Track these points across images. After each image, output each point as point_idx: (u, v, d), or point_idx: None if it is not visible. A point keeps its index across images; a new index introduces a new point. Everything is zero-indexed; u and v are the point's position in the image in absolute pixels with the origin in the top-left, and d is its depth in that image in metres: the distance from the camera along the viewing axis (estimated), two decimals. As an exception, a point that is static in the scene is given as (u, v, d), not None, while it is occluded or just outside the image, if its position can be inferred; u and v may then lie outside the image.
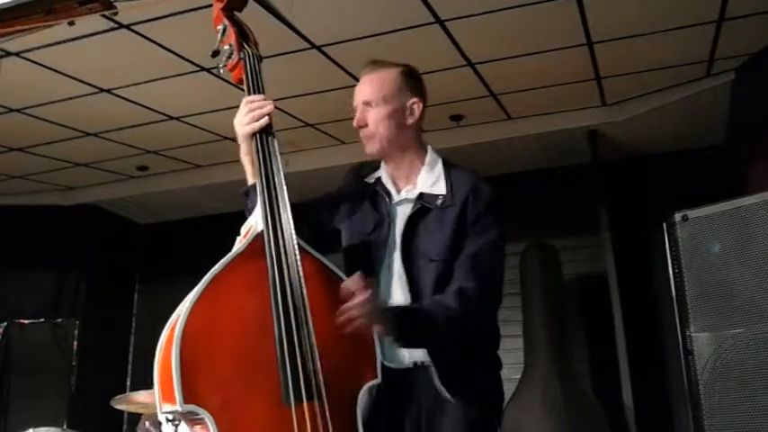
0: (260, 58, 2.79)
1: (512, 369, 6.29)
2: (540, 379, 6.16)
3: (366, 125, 2.80)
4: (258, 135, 2.62)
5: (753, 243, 3.36)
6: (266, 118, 2.63)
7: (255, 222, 2.53)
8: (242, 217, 2.72)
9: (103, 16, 3.93)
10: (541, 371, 6.21)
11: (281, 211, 2.48)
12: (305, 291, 2.38)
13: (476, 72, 5.58)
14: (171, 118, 6.26)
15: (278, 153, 2.61)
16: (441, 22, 4.77)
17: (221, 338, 2.28)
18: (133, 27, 4.59)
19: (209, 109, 6.11)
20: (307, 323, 2.34)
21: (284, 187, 2.52)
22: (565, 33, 5.02)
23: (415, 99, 2.81)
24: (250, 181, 2.77)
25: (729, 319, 3.39)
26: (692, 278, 3.54)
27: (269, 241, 2.41)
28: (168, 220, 9.15)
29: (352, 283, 2.39)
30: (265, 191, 2.50)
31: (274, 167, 2.57)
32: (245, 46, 2.80)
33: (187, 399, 2.15)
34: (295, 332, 2.31)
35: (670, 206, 3.86)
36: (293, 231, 2.45)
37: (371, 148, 2.83)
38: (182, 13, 4.44)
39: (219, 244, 2.74)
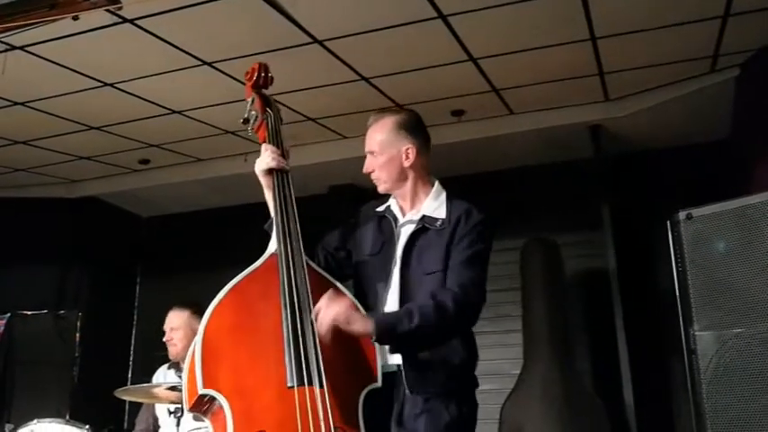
0: (281, 119, 3.34)
1: (512, 364, 6.31)
2: (540, 375, 6.16)
3: (373, 171, 3.22)
4: (276, 172, 3.11)
5: (758, 242, 3.35)
6: (280, 161, 3.13)
7: (271, 245, 2.99)
8: (242, 211, 2.96)
9: (107, 11, 3.95)
10: (542, 366, 6.21)
11: (293, 231, 2.95)
12: (310, 295, 2.78)
13: (478, 67, 5.58)
14: (173, 112, 6.27)
15: (292, 187, 3.11)
16: (443, 17, 4.77)
17: (238, 336, 2.71)
18: (137, 22, 4.59)
19: (211, 103, 6.12)
20: (311, 320, 2.71)
21: (296, 215, 3.02)
22: (568, 28, 5.02)
23: (408, 145, 3.17)
24: (273, 214, 3.10)
25: (733, 318, 3.39)
26: (695, 276, 3.54)
27: (281, 255, 2.86)
28: (170, 214, 9.15)
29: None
30: (279, 216, 3.00)
31: (288, 198, 3.06)
32: (268, 109, 3.31)
33: (206, 384, 2.55)
34: (300, 326, 2.69)
35: (673, 202, 3.86)
36: (303, 249, 2.92)
37: (380, 189, 3.26)
38: (185, 7, 4.45)
39: (220, 237, 2.95)
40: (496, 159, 7.08)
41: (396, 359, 2.92)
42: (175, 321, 5.18)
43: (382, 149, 3.16)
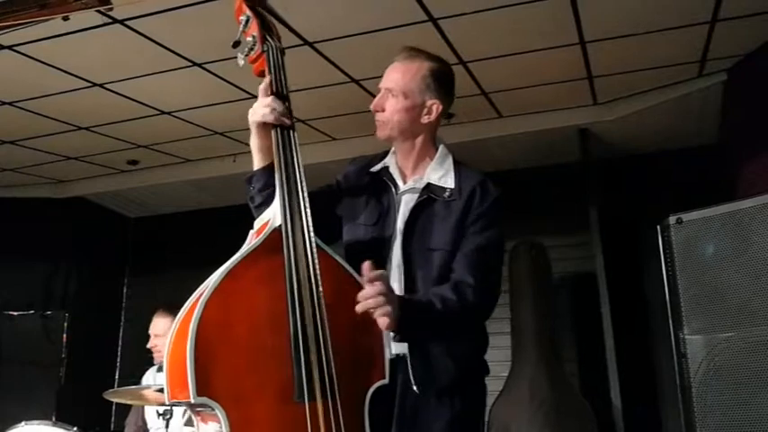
0: (283, 52, 2.75)
1: (500, 366, 6.31)
2: (528, 377, 6.17)
3: (382, 110, 2.84)
4: (279, 128, 2.60)
5: (747, 246, 3.37)
6: (279, 115, 2.60)
7: (273, 216, 2.49)
8: (231, 212, 2.69)
9: (98, 11, 3.94)
10: (530, 369, 6.22)
11: (301, 206, 2.48)
12: (321, 288, 2.39)
13: (468, 70, 5.58)
14: (162, 113, 6.26)
15: (298, 147, 2.59)
16: (434, 21, 4.78)
17: (236, 332, 2.28)
18: (127, 22, 4.58)
19: (200, 104, 6.12)
20: (322, 320, 2.35)
21: (304, 182, 2.52)
22: (557, 32, 5.03)
23: (435, 101, 2.82)
24: (256, 166, 2.72)
25: (723, 323, 3.40)
26: (685, 281, 3.55)
27: (287, 237, 2.41)
28: (158, 214, 9.17)
29: (364, 271, 2.38)
30: (284, 185, 2.50)
31: (294, 161, 2.56)
32: (269, 38, 2.73)
33: (200, 391, 2.15)
34: (310, 329, 2.33)
35: (661, 205, 3.88)
36: (311, 228, 2.46)
37: (381, 134, 2.87)
38: (176, 9, 4.43)
39: (209, 238, 2.77)
40: (485, 162, 7.08)
41: (397, 347, 2.64)
42: (160, 327, 5.15)
43: (405, 93, 2.79)
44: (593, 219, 6.61)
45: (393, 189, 2.85)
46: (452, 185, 2.78)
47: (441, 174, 2.82)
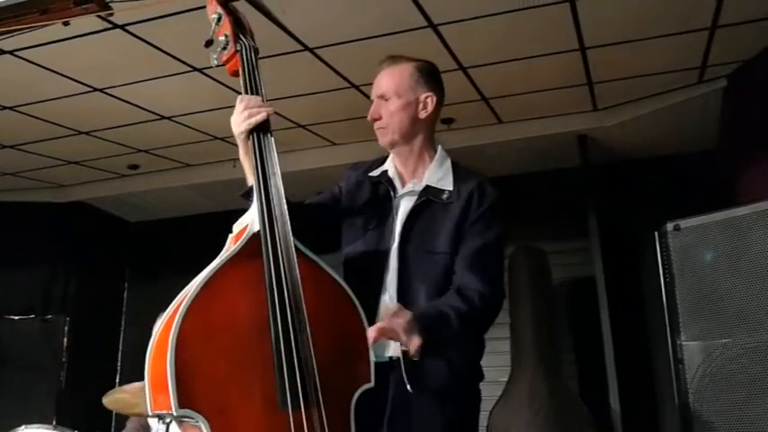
0: (257, 51, 2.71)
1: (499, 371, 6.30)
2: (527, 382, 6.17)
3: (380, 118, 2.84)
4: (255, 134, 2.56)
5: (744, 253, 3.38)
6: (263, 115, 2.58)
7: (251, 222, 2.44)
8: (232, 215, 2.66)
9: (98, 17, 3.94)
10: (529, 374, 6.22)
11: (278, 212, 2.42)
12: (302, 295, 2.33)
13: (467, 76, 5.60)
14: (163, 117, 6.27)
15: (275, 153, 2.55)
16: (433, 27, 4.78)
17: (217, 341, 2.22)
18: (127, 27, 4.59)
19: (200, 109, 6.13)
20: (304, 328, 2.30)
21: (281, 188, 2.47)
22: (557, 38, 5.04)
23: (428, 93, 2.84)
24: (250, 181, 2.61)
25: (720, 329, 3.41)
26: (683, 287, 3.55)
27: (266, 243, 2.35)
28: (158, 219, 9.17)
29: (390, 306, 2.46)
30: (262, 192, 2.44)
31: (271, 168, 2.50)
32: (242, 38, 2.69)
33: (182, 403, 2.09)
34: (292, 337, 2.26)
35: (660, 211, 3.88)
36: (290, 233, 2.40)
37: (384, 140, 2.87)
38: (176, 14, 4.44)
39: (209, 242, 2.70)
40: (485, 167, 7.01)
41: (387, 350, 2.63)
42: None
43: (398, 93, 2.80)
44: (593, 224, 6.62)
45: (392, 193, 2.84)
46: (451, 187, 2.78)
47: (439, 176, 2.83)
